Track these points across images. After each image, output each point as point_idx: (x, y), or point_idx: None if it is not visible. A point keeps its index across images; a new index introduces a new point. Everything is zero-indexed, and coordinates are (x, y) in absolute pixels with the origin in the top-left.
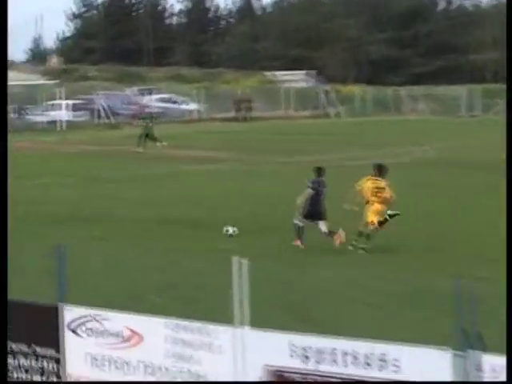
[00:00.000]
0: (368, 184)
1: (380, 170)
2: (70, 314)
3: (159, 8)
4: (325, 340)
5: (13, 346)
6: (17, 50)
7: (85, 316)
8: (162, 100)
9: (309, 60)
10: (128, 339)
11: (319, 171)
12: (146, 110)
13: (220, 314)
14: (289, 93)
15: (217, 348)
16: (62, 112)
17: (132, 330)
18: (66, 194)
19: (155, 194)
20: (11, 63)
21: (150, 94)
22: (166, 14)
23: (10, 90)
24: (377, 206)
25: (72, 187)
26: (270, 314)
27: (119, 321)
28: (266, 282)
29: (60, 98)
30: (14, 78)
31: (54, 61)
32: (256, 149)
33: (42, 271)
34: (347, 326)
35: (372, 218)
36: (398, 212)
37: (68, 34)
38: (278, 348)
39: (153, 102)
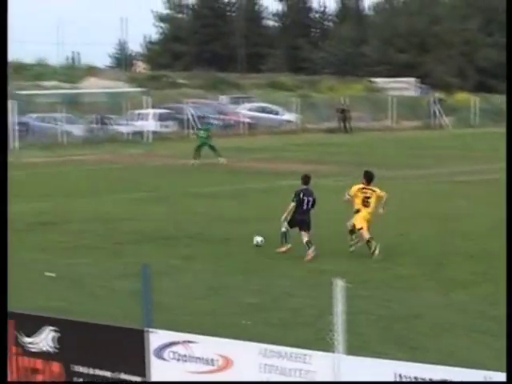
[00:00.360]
0: (358, 194)
1: (369, 178)
2: (157, 338)
3: (254, 10)
4: (423, 367)
5: (96, 371)
6: (100, 55)
7: (172, 340)
8: (256, 109)
9: (415, 66)
10: (218, 365)
11: (305, 179)
12: (240, 120)
13: (316, 338)
14: (394, 101)
15: (312, 375)
16: (149, 122)
17: (222, 356)
18: (152, 211)
19: (249, 210)
20: (94, 69)
21: (243, 102)
22: (262, 17)
23: (92, 98)
24: (365, 214)
25: (158, 203)
26: (367, 340)
27: (208, 346)
28: (363, 306)
29: (146, 107)
30: (97, 85)
31: (140, 66)
32: (358, 162)
33: (125, 292)
34: (450, 354)
35: (362, 224)
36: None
37: (155, 38)
38: (379, 376)
39: (246, 111)
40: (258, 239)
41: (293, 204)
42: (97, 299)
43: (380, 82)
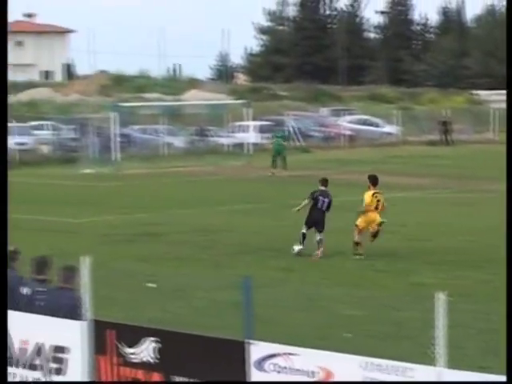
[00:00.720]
0: (373, 200)
1: (375, 181)
2: (257, 349)
3: (355, 22)
4: None
5: (197, 381)
6: (201, 67)
7: (273, 352)
8: (357, 121)
9: None
10: (318, 377)
11: (322, 182)
12: (340, 132)
13: (417, 352)
14: (497, 114)
15: None
16: (249, 134)
17: (322, 368)
18: (253, 222)
19: (347, 223)
20: (195, 81)
21: (344, 114)
22: (363, 29)
23: (193, 110)
24: (373, 216)
25: (259, 215)
26: (469, 353)
27: (309, 358)
28: (463, 320)
29: (247, 119)
30: (198, 97)
31: (241, 78)
32: (460, 175)
33: (225, 303)
34: None
35: (361, 225)
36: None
37: (256, 50)
38: None
39: (347, 123)
40: (297, 248)
41: (306, 201)
42: (197, 310)
43: (482, 94)
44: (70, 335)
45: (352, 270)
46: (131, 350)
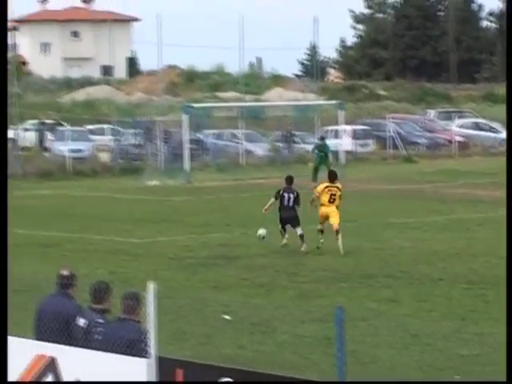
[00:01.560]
0: (325, 191)
1: (333, 177)
2: None
3: (469, 9)
4: None
5: None
6: (286, 62)
7: None
8: (470, 126)
9: None
10: None
11: (287, 180)
12: (450, 138)
13: None
14: None
15: None
16: (343, 140)
17: None
18: (347, 244)
19: (462, 246)
20: (279, 78)
21: (455, 117)
22: (478, 17)
23: (277, 112)
24: (328, 210)
25: (355, 236)
26: None
27: None
28: None
29: (340, 123)
30: (283, 97)
31: (334, 75)
32: None
33: (311, 339)
34: None
35: (337, 221)
36: None
37: (352, 42)
38: None
39: (458, 128)
40: (262, 232)
41: (272, 199)
42: (280, 347)
43: None
44: (132, 374)
45: (461, 300)
46: None
